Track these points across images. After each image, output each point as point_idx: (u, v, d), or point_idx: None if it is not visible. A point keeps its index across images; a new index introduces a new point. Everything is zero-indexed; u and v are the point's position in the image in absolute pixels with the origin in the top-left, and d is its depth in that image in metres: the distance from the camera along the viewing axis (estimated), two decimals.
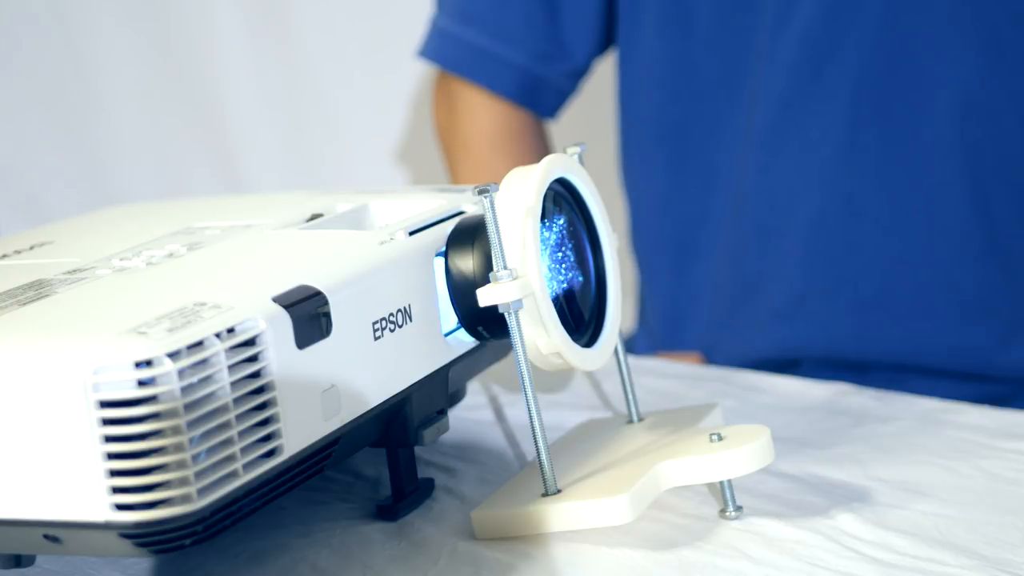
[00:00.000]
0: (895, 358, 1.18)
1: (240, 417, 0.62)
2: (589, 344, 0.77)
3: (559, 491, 0.73)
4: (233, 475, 0.62)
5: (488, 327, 0.75)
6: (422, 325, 0.74)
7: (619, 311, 0.79)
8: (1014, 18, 1.14)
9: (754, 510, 0.74)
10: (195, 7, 1.88)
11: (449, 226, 0.77)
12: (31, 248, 0.81)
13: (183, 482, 0.60)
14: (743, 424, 0.76)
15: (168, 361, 0.59)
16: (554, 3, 1.27)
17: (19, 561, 0.67)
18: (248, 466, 0.63)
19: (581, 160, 0.79)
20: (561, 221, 0.77)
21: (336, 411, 0.67)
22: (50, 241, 0.83)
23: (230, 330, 0.62)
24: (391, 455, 0.76)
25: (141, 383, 0.59)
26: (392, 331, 0.71)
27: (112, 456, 0.59)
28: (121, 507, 0.60)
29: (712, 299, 1.27)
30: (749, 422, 0.80)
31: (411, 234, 0.75)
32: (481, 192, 0.71)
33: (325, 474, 0.81)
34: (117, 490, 0.59)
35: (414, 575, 0.70)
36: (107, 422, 0.59)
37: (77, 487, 0.60)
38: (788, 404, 0.94)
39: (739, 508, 0.74)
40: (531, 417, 0.72)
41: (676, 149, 1.25)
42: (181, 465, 0.59)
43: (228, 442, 0.62)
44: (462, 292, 0.74)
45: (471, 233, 0.75)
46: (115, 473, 0.59)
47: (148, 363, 0.59)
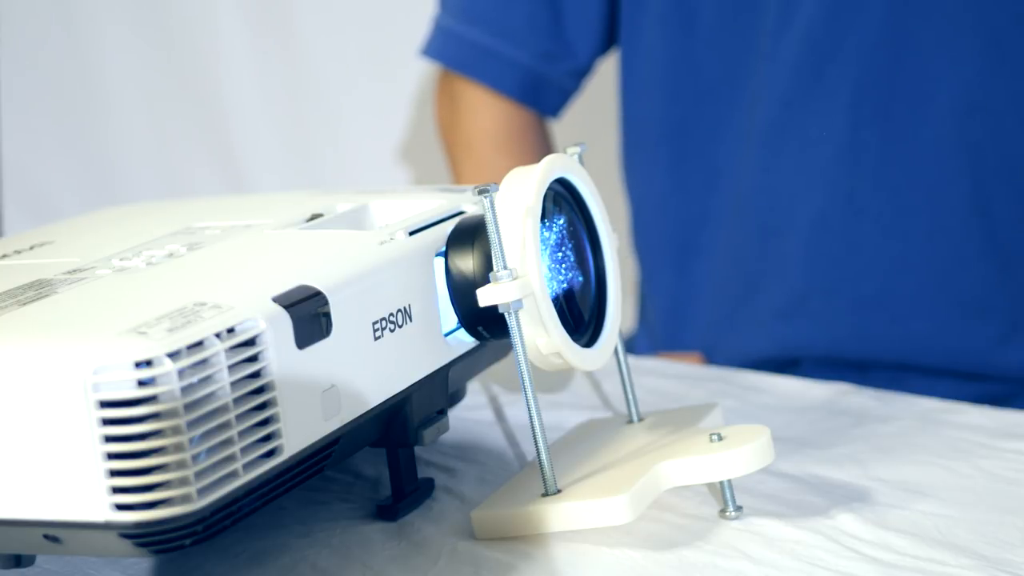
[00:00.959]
0: (895, 357, 1.18)
1: (240, 417, 0.62)
2: (589, 344, 0.77)
3: (559, 491, 0.73)
4: (233, 475, 0.62)
5: (488, 327, 0.75)
6: (422, 325, 0.74)
7: (619, 311, 0.79)
8: (1016, 18, 1.14)
9: (754, 510, 0.74)
10: (198, 9, 1.88)
11: (449, 226, 0.77)
12: (31, 248, 0.81)
13: (183, 482, 0.60)
14: (743, 424, 0.76)
15: (168, 361, 0.59)
16: (557, 3, 1.27)
17: (19, 561, 0.67)
18: (248, 466, 0.63)
19: (581, 160, 0.79)
20: (561, 221, 0.77)
21: (336, 411, 0.68)
22: (50, 241, 0.83)
23: (230, 330, 0.62)
24: (391, 455, 0.76)
25: (141, 383, 0.59)
26: (392, 331, 0.71)
27: (112, 456, 0.59)
28: (121, 507, 0.60)
29: (713, 298, 1.27)
30: (749, 422, 0.80)
31: (411, 234, 0.75)
32: (481, 192, 0.71)
33: (325, 474, 0.81)
34: (117, 490, 0.59)
35: (414, 575, 0.70)
36: (107, 422, 0.59)
37: (77, 487, 0.60)
38: (788, 404, 0.94)
39: (739, 508, 0.74)
40: (531, 417, 0.72)
41: (678, 148, 1.25)
42: (181, 465, 0.60)
43: (228, 442, 0.62)
44: (462, 292, 0.74)
45: (471, 233, 0.75)
46: (115, 473, 0.59)
47: (148, 363, 0.59)
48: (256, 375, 0.63)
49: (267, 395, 0.63)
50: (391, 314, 0.71)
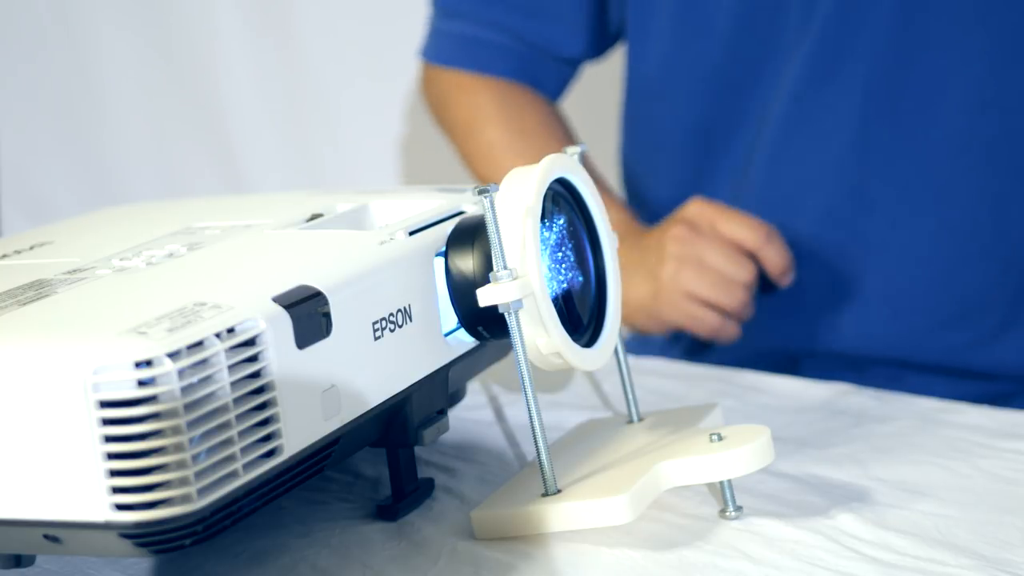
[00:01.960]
0: (894, 354, 1.18)
1: (240, 417, 0.62)
2: (589, 344, 0.77)
3: (559, 491, 0.73)
4: (233, 475, 0.62)
5: (488, 327, 0.75)
6: (422, 325, 0.74)
7: (619, 311, 0.79)
8: None
9: (754, 510, 0.74)
10: (197, 10, 1.88)
11: (449, 226, 0.77)
12: (31, 248, 0.81)
13: (183, 482, 0.60)
14: (743, 424, 0.76)
15: (168, 361, 0.59)
16: (535, 7, 1.27)
17: (19, 561, 0.67)
18: (248, 466, 0.63)
19: (581, 160, 0.79)
20: (561, 221, 0.77)
21: (336, 411, 0.67)
22: (50, 241, 0.83)
23: (230, 330, 0.62)
24: (391, 455, 0.76)
25: (141, 383, 0.59)
26: (392, 331, 0.71)
27: (112, 456, 0.59)
28: (121, 507, 0.60)
29: None
30: (749, 422, 0.80)
31: (411, 234, 0.76)
32: (481, 192, 0.71)
33: (325, 474, 0.81)
34: (117, 490, 0.59)
35: (414, 575, 0.70)
36: (107, 422, 0.59)
37: (77, 487, 0.60)
38: (788, 404, 0.94)
39: (739, 508, 0.74)
40: (531, 417, 0.72)
41: (697, 149, 1.25)
42: (181, 465, 0.60)
43: (228, 442, 0.62)
44: (462, 292, 0.74)
45: (471, 233, 0.75)
46: (115, 473, 0.59)
47: (148, 363, 0.59)
48: (256, 375, 0.63)
49: (267, 395, 0.63)
50: (391, 314, 0.71)
